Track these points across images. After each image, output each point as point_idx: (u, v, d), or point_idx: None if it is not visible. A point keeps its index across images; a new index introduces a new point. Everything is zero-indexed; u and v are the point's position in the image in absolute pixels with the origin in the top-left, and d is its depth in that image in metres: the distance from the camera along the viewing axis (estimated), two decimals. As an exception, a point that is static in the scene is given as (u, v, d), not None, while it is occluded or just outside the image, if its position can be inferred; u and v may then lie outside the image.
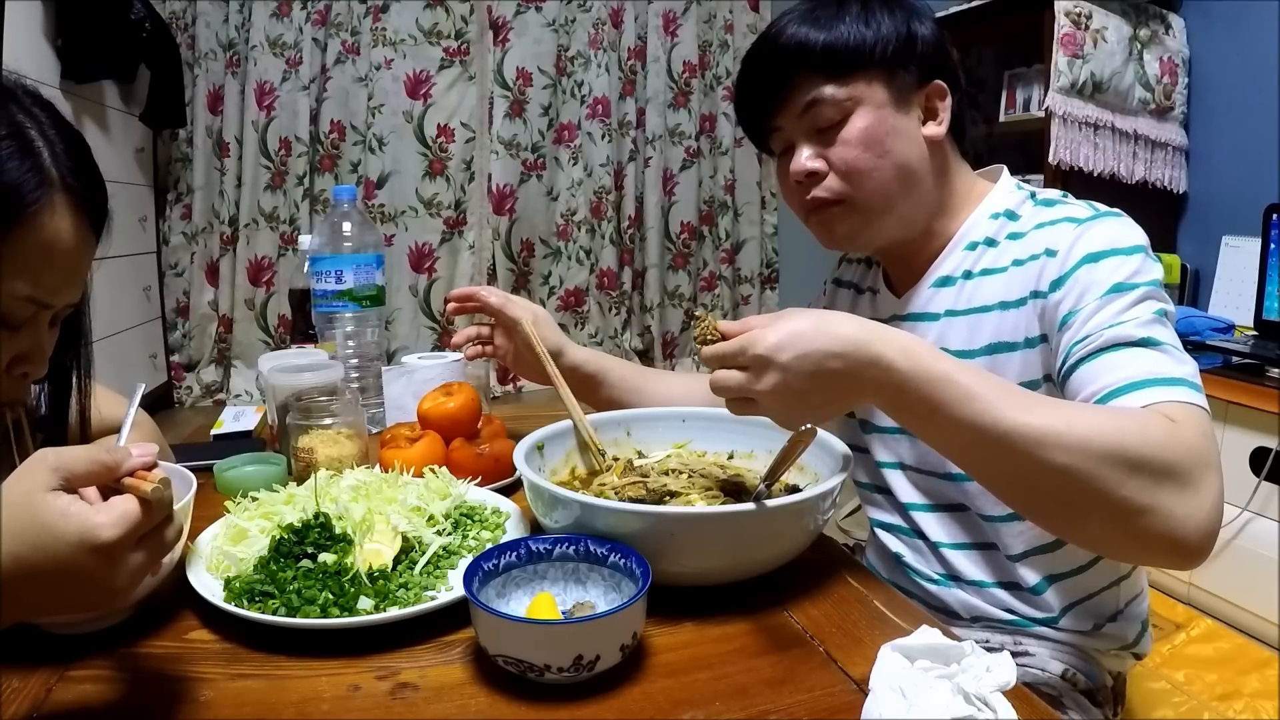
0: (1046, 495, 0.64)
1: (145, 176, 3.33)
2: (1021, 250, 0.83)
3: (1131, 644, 0.89)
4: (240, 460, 0.92)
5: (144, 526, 0.49)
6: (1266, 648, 1.60)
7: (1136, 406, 0.66)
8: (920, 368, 0.64)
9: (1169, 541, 0.62)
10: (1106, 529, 0.64)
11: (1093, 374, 0.71)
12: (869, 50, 0.82)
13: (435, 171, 3.66)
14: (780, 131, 0.89)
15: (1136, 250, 0.76)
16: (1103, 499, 0.61)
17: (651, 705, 0.55)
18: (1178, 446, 0.62)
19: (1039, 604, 0.86)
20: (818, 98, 0.83)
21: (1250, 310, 2.17)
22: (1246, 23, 2.44)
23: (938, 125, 0.86)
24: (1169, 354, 0.70)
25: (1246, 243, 2.35)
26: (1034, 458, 0.62)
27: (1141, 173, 2.56)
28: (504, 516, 0.81)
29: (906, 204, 0.86)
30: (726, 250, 4.10)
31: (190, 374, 3.63)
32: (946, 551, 0.89)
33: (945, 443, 0.68)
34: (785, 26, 0.85)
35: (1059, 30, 2.39)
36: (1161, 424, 0.63)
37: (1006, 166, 0.94)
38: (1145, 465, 0.61)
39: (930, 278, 0.90)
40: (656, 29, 3.85)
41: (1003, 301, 0.84)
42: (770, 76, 0.86)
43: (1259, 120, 2.40)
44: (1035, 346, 0.81)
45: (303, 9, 3.44)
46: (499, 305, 1.05)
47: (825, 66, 0.83)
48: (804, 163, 0.85)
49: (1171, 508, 0.61)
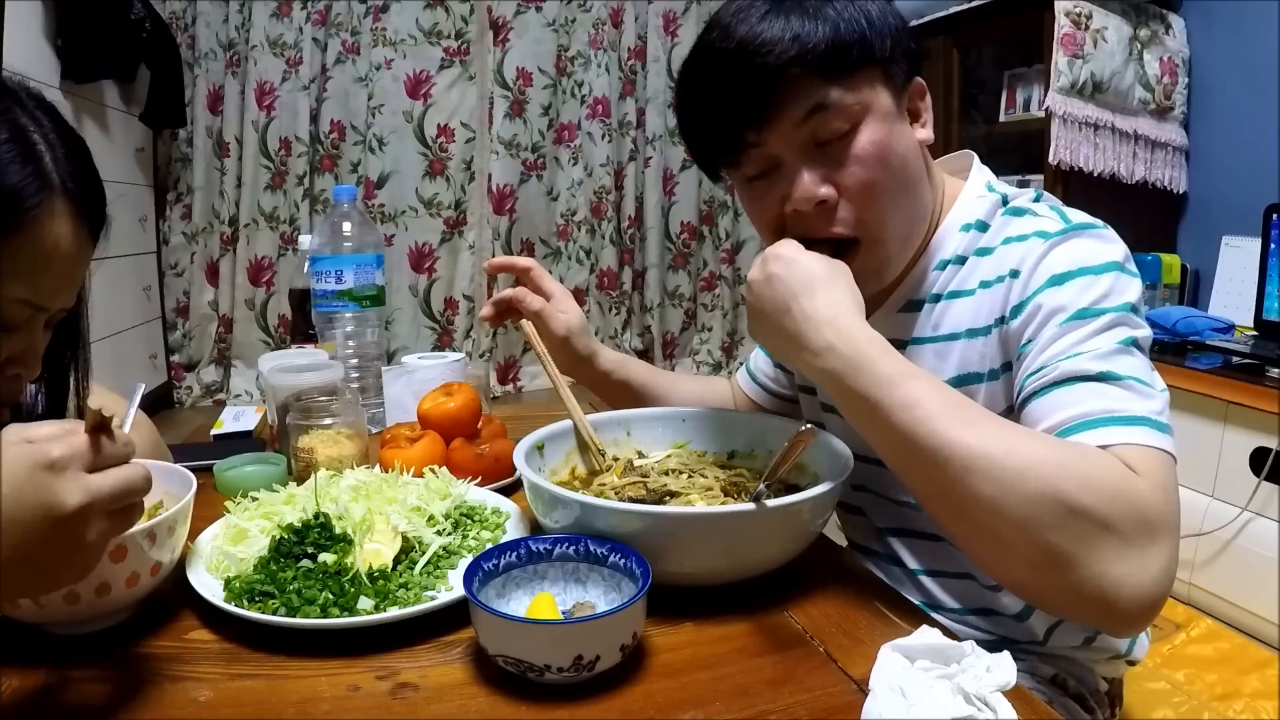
0: (972, 524, 0.60)
1: (145, 176, 3.33)
2: (989, 270, 0.76)
3: (1124, 653, 0.87)
4: (240, 460, 0.92)
5: (93, 450, 0.49)
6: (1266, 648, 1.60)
7: (1092, 446, 0.60)
8: (864, 363, 0.64)
9: (1098, 604, 0.56)
10: (1030, 575, 0.59)
11: (1045, 409, 0.64)
12: (870, 41, 0.70)
13: (435, 171, 3.66)
14: (758, 150, 0.73)
15: (1108, 269, 0.69)
16: (1028, 541, 0.56)
17: (651, 705, 0.55)
18: (1129, 499, 0.56)
19: (1024, 630, 0.82)
20: (822, 104, 0.70)
21: (1250, 310, 2.17)
22: (1246, 23, 2.44)
23: (924, 129, 0.77)
24: (1131, 389, 0.63)
25: (1246, 243, 2.35)
26: (962, 482, 0.58)
27: (1141, 173, 2.56)
28: (504, 516, 0.81)
29: (918, 224, 0.77)
30: (726, 250, 4.10)
31: (190, 374, 3.63)
32: (924, 579, 0.86)
33: (881, 445, 0.65)
34: (762, 16, 0.70)
35: (1059, 30, 2.38)
36: (1114, 470, 0.57)
37: (999, 166, 0.87)
38: (1083, 513, 0.55)
39: (898, 301, 0.82)
40: (656, 29, 3.86)
41: (970, 329, 0.77)
42: (753, 81, 0.70)
43: (1259, 120, 2.40)
44: (999, 378, 0.75)
45: (303, 9, 3.44)
46: (537, 309, 0.97)
47: (830, 66, 0.69)
48: (814, 189, 0.72)
49: (1106, 567, 0.55)
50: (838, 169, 0.72)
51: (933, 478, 0.60)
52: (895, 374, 0.63)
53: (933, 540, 0.84)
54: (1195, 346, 2.08)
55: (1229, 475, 1.86)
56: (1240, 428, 1.85)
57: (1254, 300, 2.14)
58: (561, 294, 0.99)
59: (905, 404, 0.61)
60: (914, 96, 0.77)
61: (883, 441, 0.65)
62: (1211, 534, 1.84)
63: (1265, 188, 2.32)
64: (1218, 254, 2.49)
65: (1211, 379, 1.89)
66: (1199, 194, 2.63)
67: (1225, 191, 2.54)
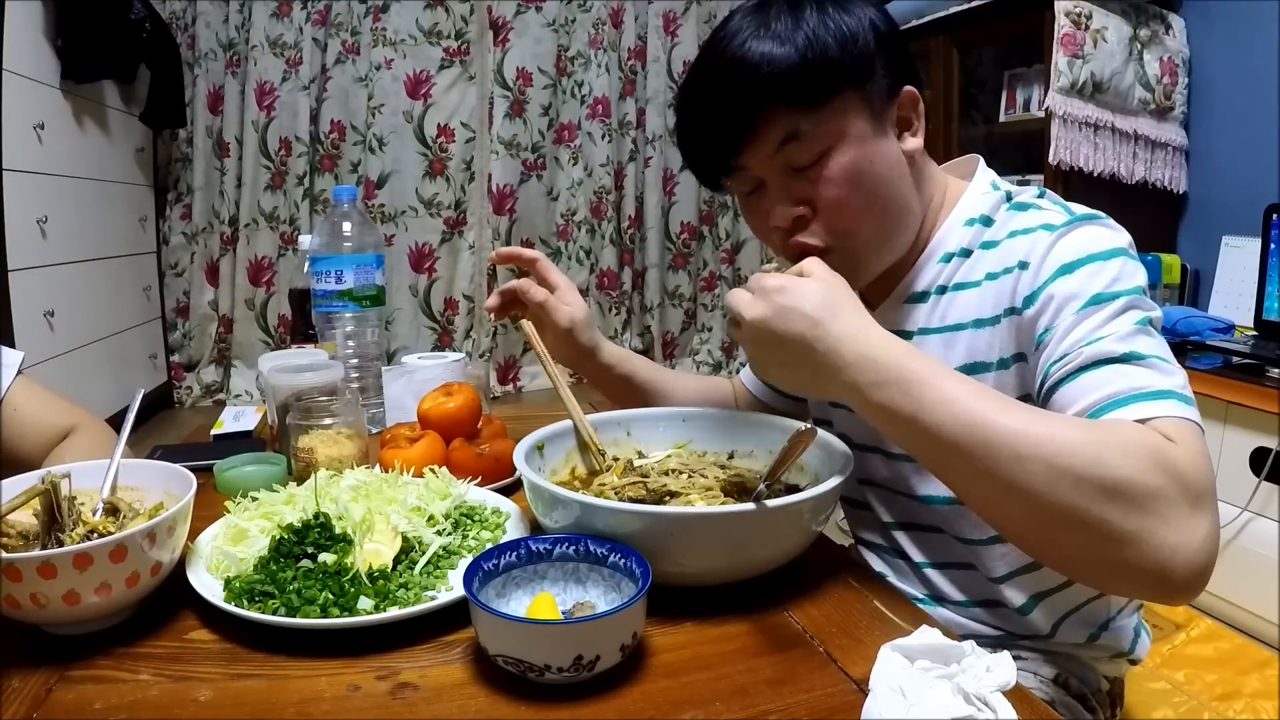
0: (1025, 509, 0.60)
1: (145, 176, 3.33)
2: (995, 262, 0.78)
3: (1127, 651, 0.87)
4: (240, 460, 0.92)
5: None
6: (1266, 648, 1.60)
7: (1129, 421, 0.61)
8: (900, 370, 0.63)
9: (1154, 574, 0.57)
10: (1085, 551, 0.59)
11: (1074, 393, 0.65)
12: (839, 64, 0.73)
13: (435, 171, 3.66)
14: (745, 171, 0.79)
15: (1115, 254, 0.71)
16: (1081, 519, 0.57)
17: (651, 705, 0.55)
18: (1169, 467, 0.57)
19: (1027, 624, 0.83)
20: (795, 134, 0.74)
21: (1250, 310, 2.17)
22: (1246, 23, 2.44)
23: (914, 137, 0.80)
24: (1155, 367, 0.65)
25: (1246, 243, 2.36)
26: (1011, 470, 0.59)
27: (1141, 173, 2.56)
28: (504, 516, 0.81)
29: (898, 231, 0.81)
30: (726, 250, 4.11)
31: (190, 374, 3.63)
32: (929, 572, 0.87)
33: (922, 445, 0.65)
34: (743, 43, 0.74)
35: (1059, 30, 2.39)
36: (1152, 441, 0.58)
37: (1000, 166, 0.88)
38: (1128, 485, 0.56)
39: (904, 293, 0.85)
40: (656, 29, 3.86)
41: (977, 319, 0.79)
42: (734, 109, 0.75)
43: (1259, 120, 2.40)
44: (1009, 367, 0.76)
45: (303, 9, 3.44)
46: (542, 299, 0.96)
47: (799, 94, 0.73)
48: (789, 209, 0.77)
49: (1159, 537, 0.56)
50: (812, 187, 0.76)
51: (981, 469, 0.60)
52: (927, 373, 0.63)
53: (937, 533, 0.85)
54: (1195, 346, 2.09)
55: (1229, 475, 1.86)
56: (1240, 428, 1.85)
57: (1254, 300, 2.15)
58: (567, 286, 0.98)
59: (946, 400, 0.61)
60: (904, 105, 0.79)
61: (925, 441, 0.64)
62: (1211, 534, 1.84)
63: (1265, 188, 2.32)
64: (1218, 254, 2.49)
65: (1211, 379, 1.89)
66: (1199, 194, 2.63)
67: (1225, 191, 2.54)
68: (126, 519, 0.69)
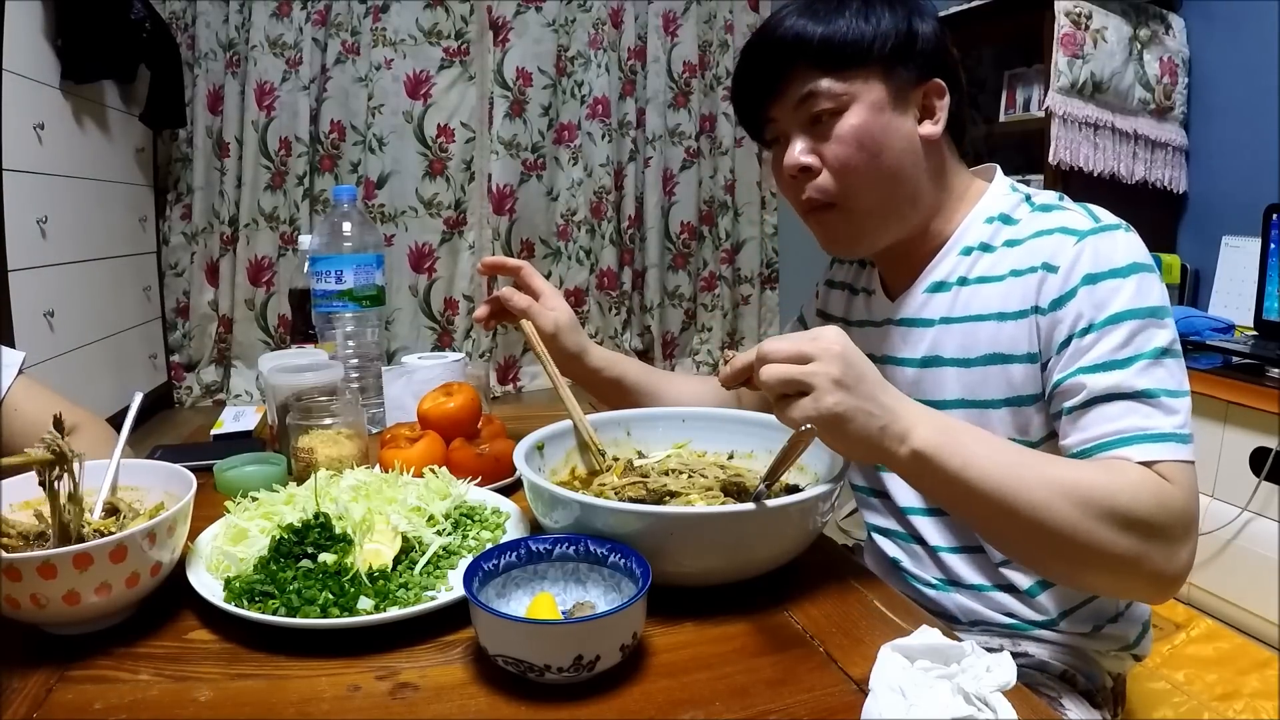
0: (1054, 547, 0.69)
1: (145, 176, 3.33)
2: (1019, 260, 0.83)
3: (1132, 645, 0.89)
4: (240, 460, 0.92)
5: None
6: (1266, 648, 1.60)
7: (1133, 461, 0.71)
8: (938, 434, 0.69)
9: (1153, 586, 0.72)
10: (1108, 578, 0.73)
11: (1086, 422, 0.74)
12: (868, 46, 0.82)
13: (435, 171, 3.66)
14: (775, 123, 0.88)
15: (1135, 270, 0.76)
16: (1103, 551, 0.68)
17: (651, 705, 0.55)
18: (1169, 506, 0.69)
19: (1036, 606, 0.86)
20: (813, 90, 0.83)
21: (1250, 310, 2.17)
22: (1246, 23, 2.45)
23: (934, 124, 0.85)
24: (1162, 406, 0.73)
25: (1246, 243, 2.36)
26: (1041, 516, 0.68)
27: (1141, 173, 2.56)
28: (504, 516, 0.81)
29: (903, 205, 0.86)
30: (726, 250, 4.11)
31: (190, 374, 3.63)
32: (945, 555, 0.89)
33: (963, 503, 0.72)
34: (785, 18, 0.84)
35: (1059, 30, 2.39)
36: (1154, 484, 0.69)
37: (1000, 166, 0.93)
38: (1140, 522, 0.68)
39: (924, 281, 0.89)
40: (656, 29, 3.86)
41: (1000, 312, 0.83)
42: (767, 67, 0.86)
43: (1259, 120, 2.40)
44: (1036, 361, 0.81)
45: (303, 9, 3.44)
46: (525, 306, 1.00)
47: (822, 60, 0.82)
48: (797, 156, 0.85)
49: (1158, 560, 0.69)
50: (823, 143, 0.84)
51: (1017, 521, 0.69)
52: (964, 433, 0.71)
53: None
54: (1195, 346, 2.09)
55: (1229, 475, 1.86)
56: (1240, 428, 1.85)
57: (1254, 300, 2.15)
58: (551, 293, 1.02)
59: (978, 455, 0.69)
60: (929, 95, 0.85)
61: (967, 500, 0.70)
62: (1211, 534, 1.84)
63: (1265, 188, 2.32)
64: (1218, 254, 2.49)
65: (1211, 379, 1.89)
66: (1199, 194, 2.63)
67: (1225, 191, 2.54)
68: (126, 519, 0.69)
